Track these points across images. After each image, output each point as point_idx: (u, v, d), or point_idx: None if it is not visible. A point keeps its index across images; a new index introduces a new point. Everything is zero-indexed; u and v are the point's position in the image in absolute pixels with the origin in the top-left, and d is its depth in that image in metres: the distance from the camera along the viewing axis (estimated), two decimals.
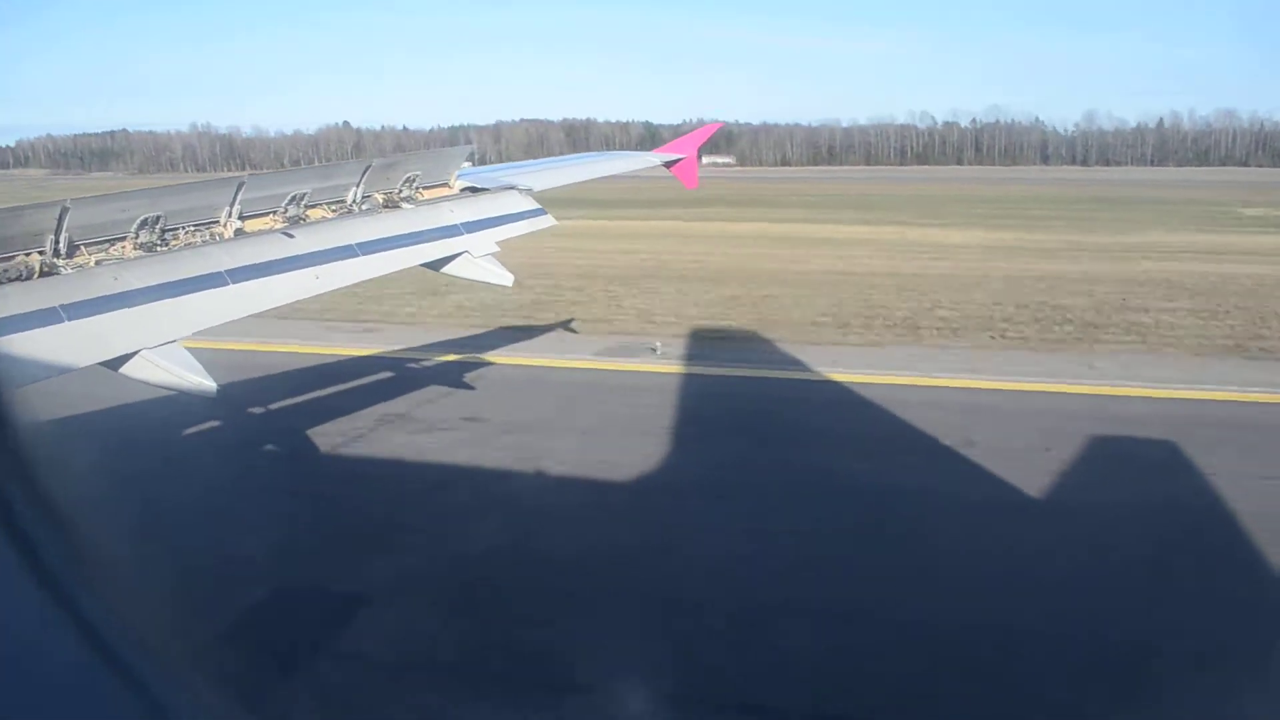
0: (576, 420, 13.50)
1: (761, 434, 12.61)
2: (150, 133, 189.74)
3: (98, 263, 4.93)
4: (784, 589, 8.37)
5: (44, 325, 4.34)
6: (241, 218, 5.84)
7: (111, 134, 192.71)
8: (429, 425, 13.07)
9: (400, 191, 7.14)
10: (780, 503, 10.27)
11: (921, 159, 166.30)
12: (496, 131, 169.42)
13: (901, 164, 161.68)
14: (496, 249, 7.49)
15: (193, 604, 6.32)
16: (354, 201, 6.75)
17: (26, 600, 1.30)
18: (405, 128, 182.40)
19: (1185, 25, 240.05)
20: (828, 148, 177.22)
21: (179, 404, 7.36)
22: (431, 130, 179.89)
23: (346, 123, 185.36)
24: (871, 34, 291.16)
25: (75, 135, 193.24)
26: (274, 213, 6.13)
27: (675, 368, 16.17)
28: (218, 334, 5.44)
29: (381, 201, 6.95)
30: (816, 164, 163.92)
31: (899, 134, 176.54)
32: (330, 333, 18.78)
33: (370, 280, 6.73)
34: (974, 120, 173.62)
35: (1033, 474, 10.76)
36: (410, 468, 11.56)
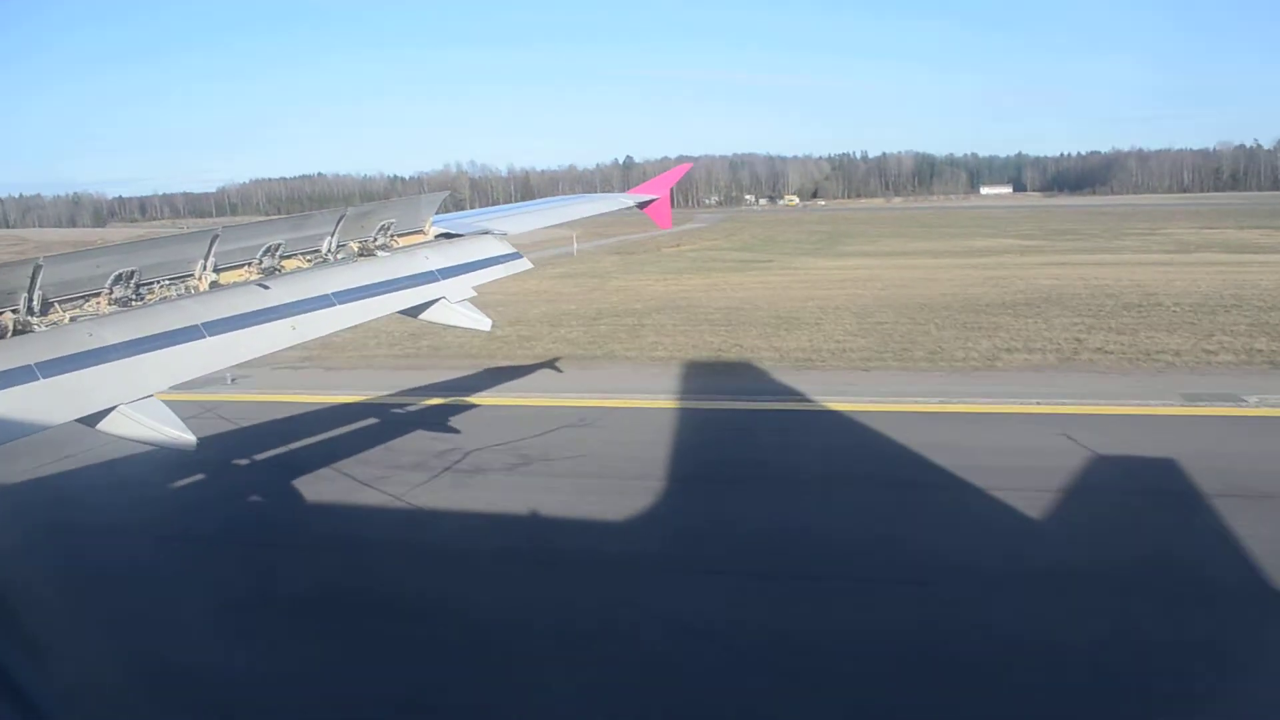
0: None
1: None
2: (348, 176, 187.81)
3: (72, 319, 4.92)
4: None
5: (18, 384, 4.32)
6: (216, 270, 5.84)
7: (309, 178, 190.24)
8: None
9: (375, 239, 7.16)
10: None
11: None
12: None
13: None
14: (473, 294, 7.49)
15: None
16: (329, 251, 6.76)
17: None
18: (682, 156, 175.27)
19: None
20: (1230, 173, 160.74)
21: None
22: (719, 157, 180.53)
23: (629, 158, 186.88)
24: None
25: (284, 179, 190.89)
26: (249, 264, 6.14)
27: None
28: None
29: (356, 250, 6.96)
30: (1219, 190, 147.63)
31: None
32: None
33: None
34: None
35: None
36: None
